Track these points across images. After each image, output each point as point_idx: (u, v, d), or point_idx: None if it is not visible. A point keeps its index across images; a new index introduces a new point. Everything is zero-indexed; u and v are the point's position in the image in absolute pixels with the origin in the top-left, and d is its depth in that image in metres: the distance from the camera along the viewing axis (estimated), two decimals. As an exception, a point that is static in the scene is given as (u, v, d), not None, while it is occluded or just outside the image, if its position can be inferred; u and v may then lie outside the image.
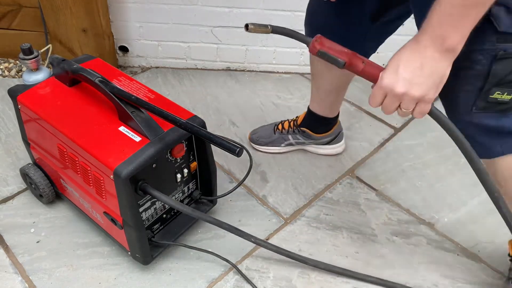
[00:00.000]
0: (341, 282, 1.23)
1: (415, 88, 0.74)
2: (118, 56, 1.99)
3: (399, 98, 0.77)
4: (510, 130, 0.88)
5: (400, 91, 0.75)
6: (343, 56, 0.83)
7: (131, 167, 1.00)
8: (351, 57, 0.83)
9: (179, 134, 1.09)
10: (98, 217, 1.19)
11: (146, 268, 1.23)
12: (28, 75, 1.21)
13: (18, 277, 1.20)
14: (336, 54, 0.83)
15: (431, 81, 0.74)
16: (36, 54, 1.18)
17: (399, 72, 0.75)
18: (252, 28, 0.82)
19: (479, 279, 1.27)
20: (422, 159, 1.64)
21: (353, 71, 0.84)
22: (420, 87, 0.74)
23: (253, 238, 1.16)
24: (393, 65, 0.76)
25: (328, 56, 0.83)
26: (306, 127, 1.58)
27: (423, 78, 0.74)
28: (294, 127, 1.60)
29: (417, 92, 0.75)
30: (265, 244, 1.19)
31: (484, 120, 0.87)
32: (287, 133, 1.59)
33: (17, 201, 1.39)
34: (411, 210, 1.45)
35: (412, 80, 0.74)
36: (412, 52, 0.75)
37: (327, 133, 1.58)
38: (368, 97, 0.84)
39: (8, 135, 1.60)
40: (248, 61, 2.00)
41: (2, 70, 1.90)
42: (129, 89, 1.21)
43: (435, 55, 0.73)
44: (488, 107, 0.84)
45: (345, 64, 0.83)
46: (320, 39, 0.84)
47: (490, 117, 0.87)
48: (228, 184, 1.50)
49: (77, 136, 1.07)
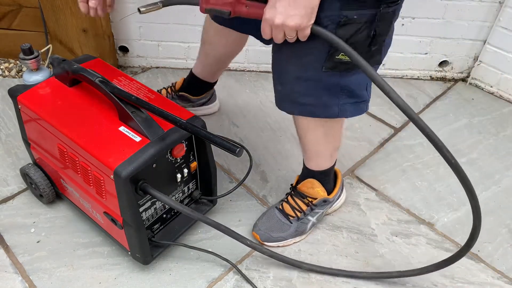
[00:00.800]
0: (341, 282, 1.23)
1: (290, 19, 0.85)
2: (118, 56, 1.99)
3: (280, 28, 0.88)
4: (349, 88, 1.02)
5: (279, 22, 0.86)
6: (226, 6, 0.93)
7: (131, 167, 1.00)
8: (234, 5, 0.93)
9: (179, 134, 1.09)
10: (98, 217, 1.20)
11: (146, 268, 1.23)
12: (28, 75, 1.21)
13: (18, 277, 1.20)
14: (220, 6, 0.94)
15: (303, 12, 0.85)
16: (36, 54, 1.18)
17: (276, 6, 0.86)
18: (144, 10, 0.97)
19: (479, 279, 1.27)
20: (422, 159, 1.64)
21: (240, 15, 0.94)
22: (294, 18, 0.85)
23: (249, 241, 1.15)
24: (271, 1, 0.87)
25: (215, 10, 0.94)
26: (185, 91, 1.66)
27: (296, 10, 0.84)
28: (173, 93, 1.68)
29: (293, 22, 0.85)
30: (261, 248, 1.18)
31: (331, 79, 0.99)
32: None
33: (17, 201, 1.39)
34: (411, 210, 1.45)
35: (287, 12, 0.85)
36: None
37: (203, 94, 1.68)
38: None
39: (8, 135, 1.60)
40: (248, 61, 2.00)
41: (2, 70, 1.90)
42: (129, 89, 1.21)
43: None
44: (335, 66, 0.96)
45: (230, 13, 0.94)
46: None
47: (335, 76, 0.98)
48: (228, 184, 1.50)
49: (77, 136, 1.07)
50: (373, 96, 1.12)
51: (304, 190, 1.32)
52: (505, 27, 1.81)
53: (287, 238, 1.31)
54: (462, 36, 1.90)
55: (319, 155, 1.24)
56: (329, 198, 1.33)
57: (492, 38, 1.87)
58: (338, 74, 0.99)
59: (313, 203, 1.31)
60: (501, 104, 1.93)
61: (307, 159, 1.28)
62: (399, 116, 1.81)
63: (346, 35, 0.90)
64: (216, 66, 1.58)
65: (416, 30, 1.89)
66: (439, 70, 2.02)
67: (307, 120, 1.11)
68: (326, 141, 1.18)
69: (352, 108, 1.06)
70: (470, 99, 1.94)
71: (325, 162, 1.26)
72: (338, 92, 1.02)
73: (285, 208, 1.33)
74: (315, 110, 1.06)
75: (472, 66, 1.99)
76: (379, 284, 1.24)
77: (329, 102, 1.03)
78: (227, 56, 1.54)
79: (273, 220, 1.32)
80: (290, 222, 1.31)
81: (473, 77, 2.00)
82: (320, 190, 1.30)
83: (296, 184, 1.35)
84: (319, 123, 1.11)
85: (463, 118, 1.83)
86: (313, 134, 1.15)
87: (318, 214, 1.33)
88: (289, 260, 1.22)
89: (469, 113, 1.86)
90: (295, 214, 1.31)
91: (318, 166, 1.27)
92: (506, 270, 1.29)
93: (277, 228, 1.30)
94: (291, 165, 1.58)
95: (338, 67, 0.96)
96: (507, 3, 1.77)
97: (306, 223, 1.32)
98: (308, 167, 1.29)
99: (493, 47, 1.88)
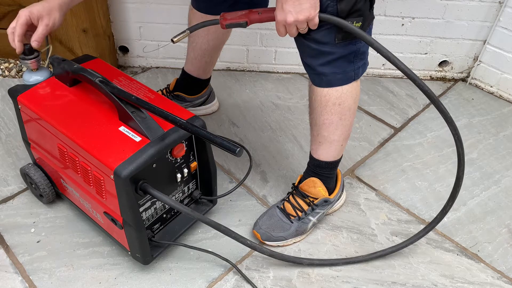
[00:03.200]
0: (341, 282, 1.23)
1: (300, 14, 0.97)
2: (118, 56, 1.99)
3: (293, 25, 1.00)
4: (359, 51, 1.11)
5: (291, 20, 0.98)
6: (243, 18, 1.06)
7: (131, 167, 1.00)
8: (249, 15, 1.05)
9: (179, 134, 1.09)
10: (98, 217, 1.20)
11: (146, 268, 1.23)
12: (28, 75, 1.21)
13: (18, 277, 1.20)
14: (237, 20, 1.06)
15: (308, 5, 0.96)
16: (36, 54, 1.18)
17: (284, 7, 0.97)
18: (176, 39, 1.07)
19: (479, 279, 1.27)
20: (422, 159, 1.64)
21: (256, 22, 1.06)
22: (302, 12, 0.97)
23: (249, 241, 1.15)
24: (279, 4, 0.99)
25: (234, 24, 1.06)
26: (180, 90, 1.66)
27: (303, 5, 0.96)
28: (168, 94, 1.68)
29: (303, 16, 0.97)
30: (261, 248, 1.18)
31: (345, 48, 1.08)
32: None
33: (17, 201, 1.39)
34: (411, 210, 1.45)
35: (295, 9, 0.96)
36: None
37: (199, 94, 1.68)
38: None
39: (8, 135, 1.60)
40: (248, 61, 2.00)
41: (2, 70, 1.90)
42: (129, 89, 1.21)
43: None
44: (345, 36, 1.05)
45: (247, 22, 1.06)
46: (223, 16, 1.06)
47: (348, 44, 1.08)
48: (228, 184, 1.50)
49: (77, 136, 1.07)
50: (373, 96, 1.12)
51: (306, 189, 1.32)
52: (505, 27, 1.81)
53: (288, 238, 1.31)
54: (462, 36, 1.90)
55: (331, 142, 1.24)
56: (330, 198, 1.33)
57: (492, 38, 1.87)
58: (350, 42, 1.07)
59: (314, 203, 1.31)
60: (501, 104, 1.93)
61: (317, 146, 1.26)
62: (399, 116, 1.81)
63: (348, 6, 0.99)
64: (204, 59, 1.57)
65: (416, 30, 1.89)
66: (439, 70, 2.02)
67: (327, 94, 1.15)
68: (340, 125, 1.20)
69: (362, 68, 1.15)
70: (470, 99, 1.94)
71: (334, 151, 1.26)
72: (352, 58, 1.11)
73: (286, 208, 1.33)
74: (333, 79, 1.13)
75: (472, 66, 1.99)
76: (378, 284, 1.24)
77: (347, 68, 1.11)
78: (214, 46, 1.55)
79: (274, 219, 1.32)
80: (291, 222, 1.31)
81: (473, 77, 2.00)
82: (322, 190, 1.31)
83: (298, 184, 1.35)
84: (337, 101, 1.16)
85: (463, 118, 1.83)
86: (329, 113, 1.17)
87: (319, 214, 1.33)
88: (289, 258, 1.22)
89: (469, 113, 1.86)
90: (296, 213, 1.31)
91: (328, 155, 1.27)
92: (506, 270, 1.29)
93: (277, 227, 1.30)
94: (291, 165, 1.58)
95: (348, 37, 1.05)
96: (507, 3, 1.77)
97: (306, 223, 1.32)
98: (316, 157, 1.28)
99: (493, 47, 1.88)
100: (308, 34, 1.05)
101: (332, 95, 1.15)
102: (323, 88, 1.14)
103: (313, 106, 1.20)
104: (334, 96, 1.15)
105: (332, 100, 1.15)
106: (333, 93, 1.14)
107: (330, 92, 1.14)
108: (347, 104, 1.17)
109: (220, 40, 1.55)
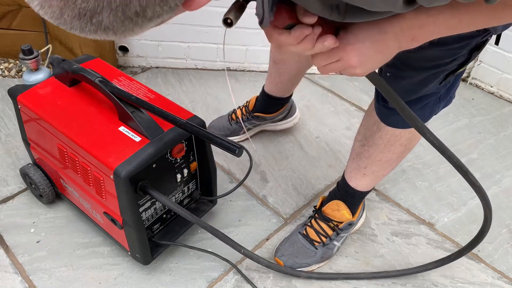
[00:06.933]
0: (341, 282, 1.23)
1: (366, 68, 0.74)
2: (118, 56, 1.99)
3: (350, 73, 0.76)
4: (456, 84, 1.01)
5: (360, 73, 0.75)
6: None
7: (131, 167, 1.00)
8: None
9: (179, 134, 1.09)
10: (98, 217, 1.20)
11: (146, 268, 1.23)
12: (28, 75, 1.21)
13: (18, 277, 1.20)
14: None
15: (380, 62, 0.75)
16: (36, 54, 1.18)
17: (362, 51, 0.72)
18: (234, 18, 0.68)
19: (479, 279, 1.27)
20: (422, 159, 1.64)
21: None
22: (370, 67, 0.75)
23: (244, 250, 1.11)
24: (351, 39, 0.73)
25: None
26: (259, 111, 1.58)
27: (375, 62, 0.74)
28: (247, 114, 1.60)
29: (365, 70, 0.75)
30: (257, 258, 1.14)
31: (443, 88, 0.96)
32: (242, 121, 1.55)
33: (17, 201, 1.39)
34: (411, 210, 1.45)
35: (367, 63, 0.73)
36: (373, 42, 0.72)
37: (279, 111, 1.59)
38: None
39: (8, 135, 1.60)
40: (248, 61, 2.00)
41: (2, 70, 1.90)
42: (129, 89, 1.21)
43: (395, 44, 0.72)
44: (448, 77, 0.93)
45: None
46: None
47: (447, 85, 0.96)
48: (228, 184, 1.50)
49: (77, 136, 1.07)
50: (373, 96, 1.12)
51: (329, 213, 1.25)
52: (505, 27, 1.81)
53: (312, 264, 1.24)
54: (462, 36, 1.90)
55: (378, 177, 1.17)
56: (354, 221, 1.28)
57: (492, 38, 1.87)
58: (449, 83, 0.96)
59: (339, 227, 1.24)
60: (501, 104, 1.92)
61: (360, 176, 1.18)
62: (399, 116, 1.81)
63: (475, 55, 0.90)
64: (290, 82, 1.50)
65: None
66: (439, 70, 2.02)
67: (399, 135, 1.05)
68: (395, 162, 1.13)
69: (445, 104, 1.03)
70: (471, 99, 1.94)
71: (373, 183, 1.21)
72: (441, 96, 0.99)
73: (309, 233, 1.25)
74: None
75: (472, 66, 1.99)
76: (379, 284, 1.24)
77: (433, 108, 1.00)
78: (301, 70, 1.46)
79: (296, 245, 1.24)
80: (315, 248, 1.23)
81: (473, 77, 2.00)
82: (346, 213, 1.24)
83: (320, 207, 1.29)
84: (406, 142, 1.07)
85: (463, 118, 1.83)
86: (392, 153, 1.09)
87: (343, 238, 1.27)
88: (286, 270, 1.21)
89: (469, 113, 1.86)
90: (320, 239, 1.24)
91: (366, 186, 1.21)
92: (506, 270, 1.29)
93: (301, 254, 1.23)
94: (291, 165, 1.58)
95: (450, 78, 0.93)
96: (507, 3, 1.76)
97: (331, 249, 1.25)
98: (353, 186, 1.21)
99: (493, 47, 1.88)
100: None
101: (403, 137, 1.04)
102: (397, 129, 1.03)
103: (376, 142, 1.08)
104: (405, 137, 1.05)
105: (401, 141, 1.06)
106: (405, 134, 1.04)
107: (403, 134, 1.04)
108: (412, 145, 1.09)
109: (309, 65, 1.45)
